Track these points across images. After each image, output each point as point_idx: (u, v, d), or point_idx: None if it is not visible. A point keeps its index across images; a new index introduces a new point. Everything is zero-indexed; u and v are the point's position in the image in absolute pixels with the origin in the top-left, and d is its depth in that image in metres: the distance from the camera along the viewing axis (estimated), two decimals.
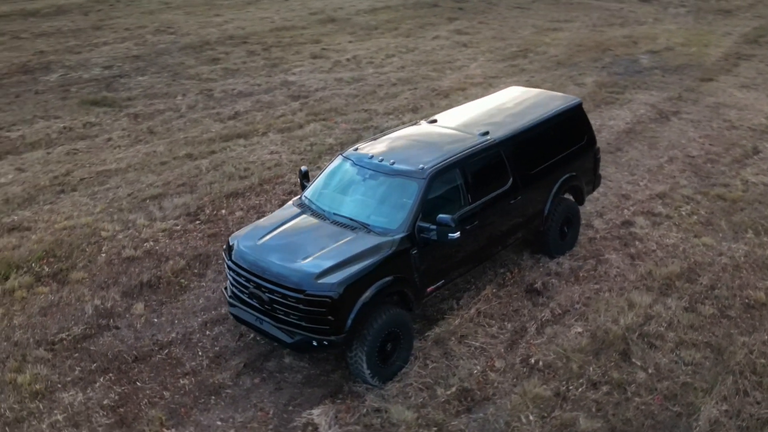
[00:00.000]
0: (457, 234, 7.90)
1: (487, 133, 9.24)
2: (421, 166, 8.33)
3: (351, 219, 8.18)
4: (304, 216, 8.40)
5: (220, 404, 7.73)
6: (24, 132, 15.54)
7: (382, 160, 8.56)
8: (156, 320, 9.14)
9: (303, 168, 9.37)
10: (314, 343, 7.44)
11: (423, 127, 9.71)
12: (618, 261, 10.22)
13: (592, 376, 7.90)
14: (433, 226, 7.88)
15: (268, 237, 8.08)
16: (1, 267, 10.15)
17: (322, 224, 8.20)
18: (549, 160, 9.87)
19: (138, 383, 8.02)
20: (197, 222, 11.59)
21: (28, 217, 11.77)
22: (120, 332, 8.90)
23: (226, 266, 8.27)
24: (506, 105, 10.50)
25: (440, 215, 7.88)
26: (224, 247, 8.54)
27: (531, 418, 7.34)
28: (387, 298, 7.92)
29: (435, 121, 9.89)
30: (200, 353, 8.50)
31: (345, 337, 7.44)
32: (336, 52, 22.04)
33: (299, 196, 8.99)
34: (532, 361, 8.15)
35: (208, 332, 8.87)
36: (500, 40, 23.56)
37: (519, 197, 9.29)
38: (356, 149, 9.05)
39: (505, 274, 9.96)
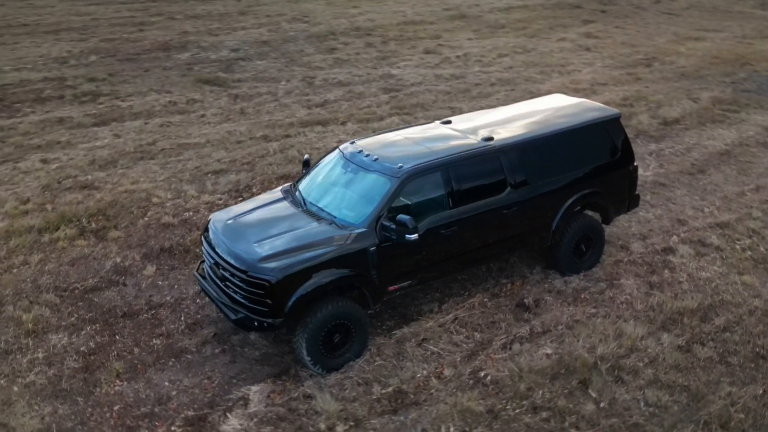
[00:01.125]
0: (415, 236, 7.80)
1: (491, 138, 8.97)
2: (399, 164, 8.28)
3: (322, 209, 8.33)
4: (282, 202, 8.66)
5: (176, 367, 8.23)
6: (135, 102, 17.14)
7: (367, 156, 8.60)
8: (160, 283, 9.84)
9: (306, 156, 9.63)
10: (255, 323, 7.70)
11: (431, 127, 9.60)
12: (632, 287, 9.48)
13: (537, 400, 7.47)
14: (394, 226, 7.83)
15: (238, 217, 8.45)
16: (57, 219, 11.39)
17: (294, 212, 8.41)
18: (563, 173, 9.35)
19: (117, 336, 8.74)
20: (239, 198, 12.22)
21: (101, 178, 13.05)
22: (125, 289, 9.70)
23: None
24: (534, 111, 10.08)
25: (400, 215, 7.82)
26: (205, 222, 9.04)
27: (452, 429, 7.12)
28: (341, 290, 8.00)
29: (449, 122, 9.73)
30: (182, 318, 9.07)
31: (283, 321, 7.64)
32: (450, 48, 21.98)
33: (290, 183, 9.27)
34: (482, 374, 7.86)
35: (198, 300, 9.42)
36: (629, 46, 22.25)
37: (515, 208, 8.91)
38: (353, 143, 9.15)
39: (506, 284, 9.61)
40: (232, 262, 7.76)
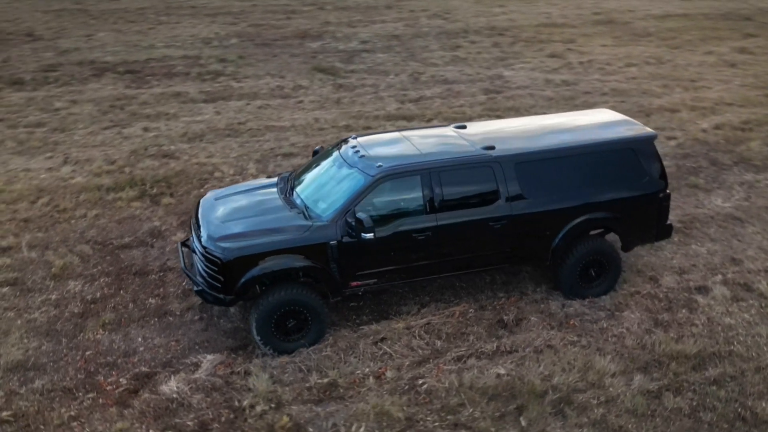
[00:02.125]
0: (371, 235, 7.85)
1: (491, 147, 8.65)
2: (379, 164, 8.28)
3: (302, 199, 8.53)
4: (271, 188, 8.99)
5: (155, 326, 8.85)
6: (247, 84, 18.30)
7: (357, 152, 8.67)
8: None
9: (317, 147, 9.86)
10: (211, 297, 8.12)
11: (439, 131, 9.49)
12: (633, 322, 8.71)
13: (462, 418, 7.18)
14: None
15: (226, 196, 8.91)
16: (126, 181, 12.59)
17: (276, 198, 8.69)
18: (570, 191, 8.78)
19: (121, 291, 9.56)
20: None
21: (184, 149, 14.17)
22: (150, 250, 10.55)
23: None
24: (562, 124, 9.60)
25: (360, 213, 7.86)
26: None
27: (362, 429, 7.07)
28: (300, 278, 8.17)
29: (464, 126, 9.49)
30: (183, 284, 9.71)
31: (233, 299, 8.02)
32: (579, 54, 21.02)
33: (291, 170, 9.55)
34: (420, 382, 7.68)
35: None
36: None
37: (506, 221, 8.53)
38: (355, 137, 9.26)
39: (501, 298, 9.23)
40: (199, 237, 8.23)
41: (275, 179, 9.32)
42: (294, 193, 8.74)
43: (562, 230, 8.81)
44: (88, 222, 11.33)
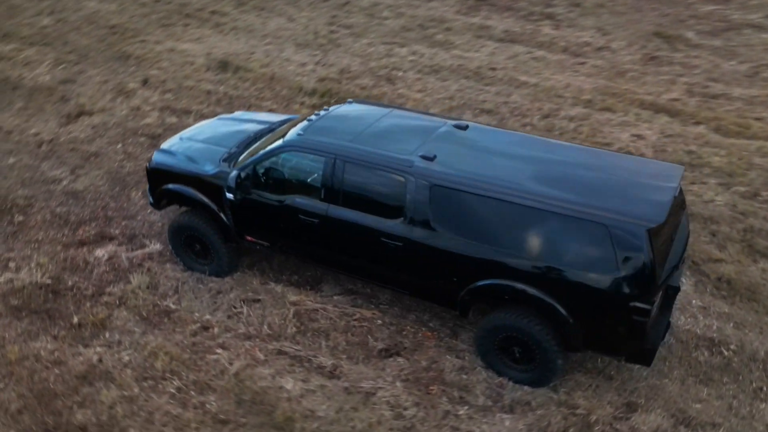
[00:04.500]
0: (230, 196, 7.76)
1: (431, 159, 7.05)
2: (299, 133, 7.68)
3: (253, 146, 8.39)
4: (264, 126, 8.92)
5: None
6: (558, 33, 16.72)
7: (312, 116, 8.08)
8: None
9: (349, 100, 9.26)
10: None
11: (429, 121, 8.13)
12: (495, 430, 6.45)
13: (195, 399, 6.80)
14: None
15: (229, 120, 9.42)
16: (324, 90, 13.47)
17: (246, 137, 8.64)
18: (496, 243, 6.67)
19: None
20: None
21: (414, 79, 14.17)
22: None
23: None
24: (582, 166, 7.04)
25: (232, 173, 7.62)
26: None
27: (126, 357, 7.29)
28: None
29: (465, 128, 7.76)
30: None
31: (153, 204, 8.76)
32: None
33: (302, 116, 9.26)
34: (217, 351, 7.32)
35: None
36: None
37: (401, 243, 7.05)
38: (351, 102, 8.63)
39: (427, 329, 7.73)
40: None
41: (279, 119, 9.23)
42: (261, 136, 8.62)
43: (472, 284, 6.81)
44: (255, 109, 12.77)
